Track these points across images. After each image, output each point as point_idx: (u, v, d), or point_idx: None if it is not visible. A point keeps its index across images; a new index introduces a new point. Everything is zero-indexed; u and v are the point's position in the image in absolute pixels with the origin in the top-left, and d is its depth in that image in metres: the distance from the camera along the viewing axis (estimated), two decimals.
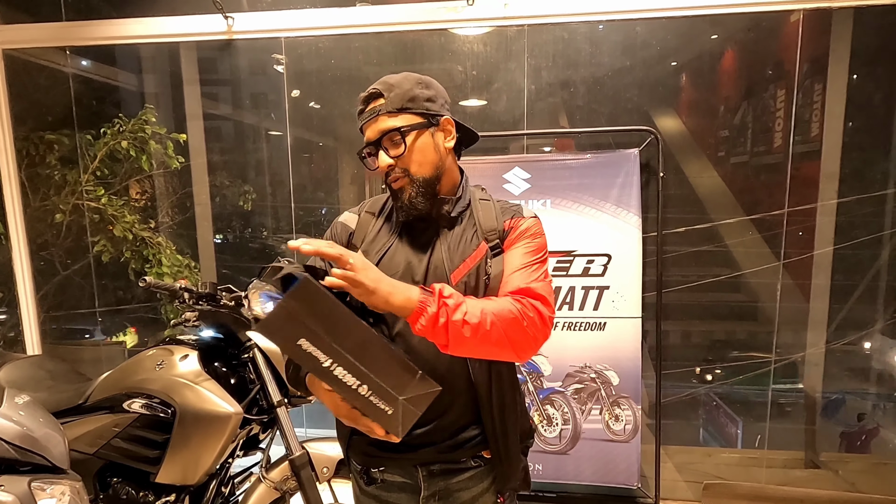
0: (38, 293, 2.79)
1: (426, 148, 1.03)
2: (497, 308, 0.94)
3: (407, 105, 1.01)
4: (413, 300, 0.89)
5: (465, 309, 0.90)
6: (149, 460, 1.65)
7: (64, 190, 2.76)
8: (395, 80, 1.03)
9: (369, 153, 1.06)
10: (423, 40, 2.46)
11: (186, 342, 1.76)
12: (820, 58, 2.62)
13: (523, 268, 1.03)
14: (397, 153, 1.01)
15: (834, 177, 2.67)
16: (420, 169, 1.03)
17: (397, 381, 0.86)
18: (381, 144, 1.02)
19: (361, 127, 1.05)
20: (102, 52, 2.87)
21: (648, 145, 2.27)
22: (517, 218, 1.10)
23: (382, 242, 1.09)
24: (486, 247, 1.05)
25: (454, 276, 1.02)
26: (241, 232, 3.83)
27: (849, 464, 2.74)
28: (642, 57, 2.43)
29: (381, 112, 1.01)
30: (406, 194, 1.04)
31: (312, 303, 0.81)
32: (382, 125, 1.01)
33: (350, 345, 0.82)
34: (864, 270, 2.85)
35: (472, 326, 0.90)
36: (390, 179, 1.04)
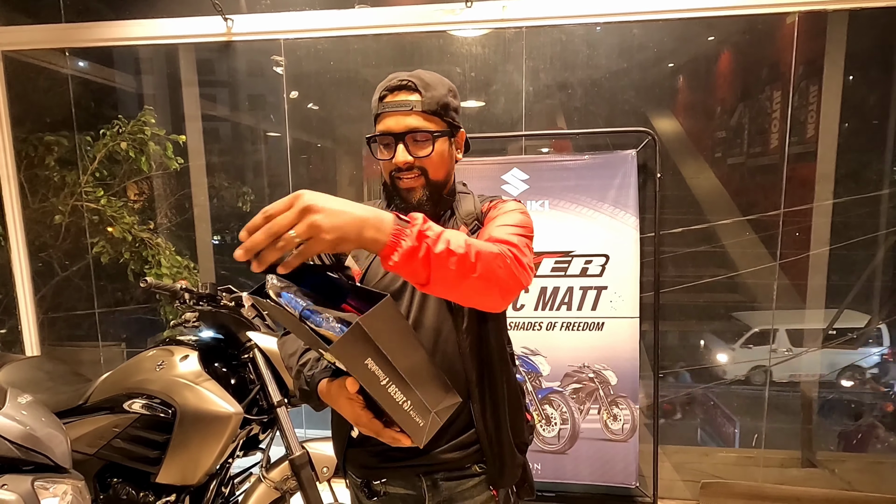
0: (37, 294, 2.79)
1: (445, 155, 1.03)
2: (479, 243, 0.84)
3: (439, 110, 1.00)
4: (385, 231, 0.73)
5: (448, 237, 0.77)
6: (149, 461, 1.65)
7: (63, 191, 2.77)
8: (431, 79, 1.01)
9: (384, 143, 1.01)
10: (422, 42, 2.47)
11: (186, 343, 1.76)
12: (815, 60, 2.64)
13: (501, 227, 0.99)
14: (422, 154, 0.99)
15: (829, 177, 2.69)
16: (436, 174, 1.02)
17: (434, 396, 0.87)
18: (405, 140, 0.98)
19: (381, 114, 1.00)
20: (101, 54, 2.87)
21: (646, 146, 2.29)
22: (497, 201, 1.09)
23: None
24: (466, 230, 1.03)
25: None
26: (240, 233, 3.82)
27: (845, 463, 2.76)
28: (639, 59, 2.45)
29: (416, 109, 0.98)
30: (416, 196, 1.01)
31: (389, 323, 0.78)
32: (414, 122, 0.98)
33: (407, 364, 0.82)
34: (860, 270, 2.88)
35: (458, 257, 0.76)
36: (402, 176, 1.01)
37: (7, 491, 1.00)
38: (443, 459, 1.03)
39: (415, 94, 0.99)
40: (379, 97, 1.01)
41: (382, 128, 1.00)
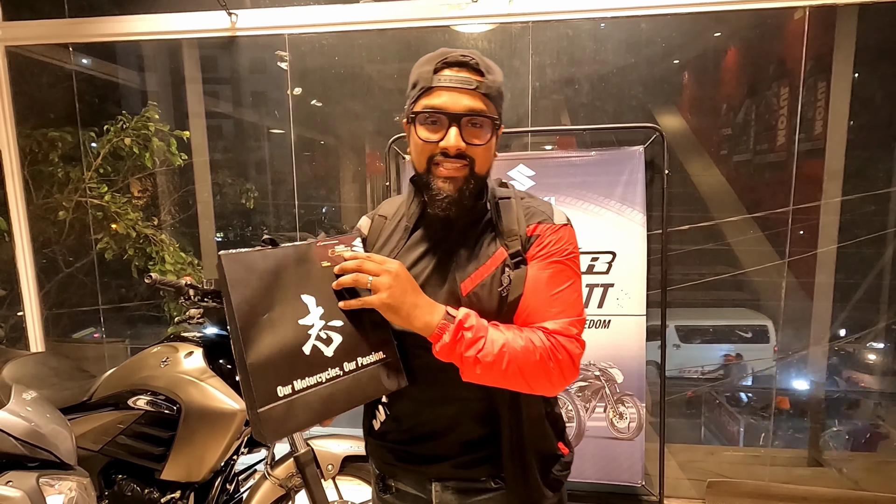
0: (42, 291, 2.79)
1: (493, 147, 0.94)
2: (520, 345, 0.85)
3: (497, 98, 0.91)
4: (432, 325, 0.84)
5: (482, 346, 0.84)
6: (154, 457, 1.64)
7: (67, 187, 2.76)
8: (490, 63, 0.91)
9: (432, 121, 0.89)
10: (427, 37, 2.45)
11: (191, 339, 1.76)
12: (824, 55, 2.62)
13: (553, 296, 0.91)
14: (478, 141, 0.89)
15: (838, 175, 2.67)
16: (482, 167, 0.92)
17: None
18: (460, 122, 0.87)
19: (433, 88, 0.88)
20: (105, 50, 2.86)
21: (653, 143, 2.26)
22: (546, 224, 0.95)
23: (393, 245, 1.00)
24: (505, 254, 0.92)
25: (464, 287, 0.91)
26: (243, 230, 3.83)
27: (852, 462, 2.74)
28: (646, 54, 2.42)
29: (481, 89, 0.87)
30: (457, 186, 0.90)
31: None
32: (476, 103, 0.88)
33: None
34: (868, 268, 2.85)
35: (484, 365, 0.84)
36: (446, 164, 0.90)
37: (12, 488, 0.99)
38: (453, 468, 0.97)
39: (477, 72, 0.88)
40: (433, 69, 0.89)
41: (436, 103, 0.88)
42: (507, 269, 0.91)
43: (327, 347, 0.84)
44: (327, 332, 0.85)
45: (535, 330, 0.89)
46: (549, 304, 0.90)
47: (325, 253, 0.89)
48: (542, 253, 0.93)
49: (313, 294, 0.86)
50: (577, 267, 0.95)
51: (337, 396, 0.83)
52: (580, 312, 0.93)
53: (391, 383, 0.90)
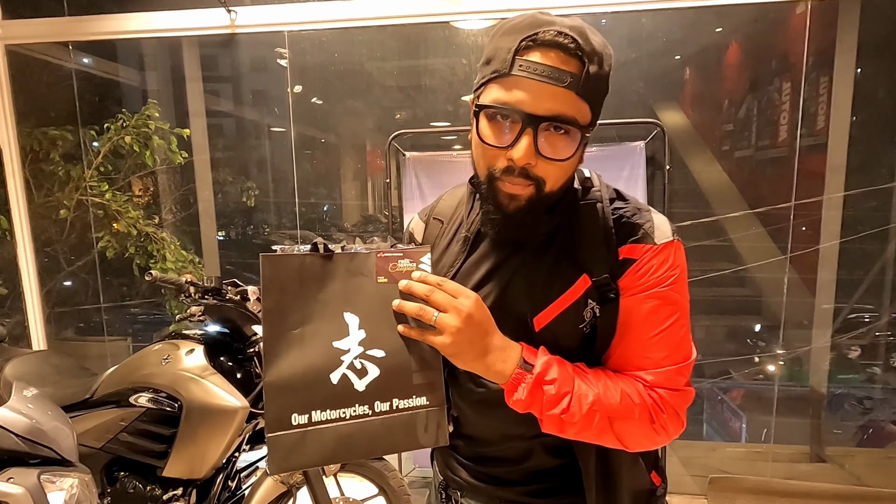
0: (44, 289, 2.79)
1: (577, 160, 0.72)
2: (615, 402, 0.70)
3: (595, 99, 0.68)
4: (505, 375, 0.69)
5: (566, 404, 0.68)
6: (155, 454, 1.65)
7: (68, 186, 2.77)
8: (599, 44, 0.67)
9: (502, 117, 0.67)
10: (427, 33, 2.45)
11: (192, 337, 1.76)
12: (826, 50, 2.60)
13: (653, 338, 0.72)
14: (554, 155, 0.67)
15: (841, 170, 2.65)
16: (555, 183, 0.71)
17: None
18: (538, 129, 0.65)
19: (511, 75, 0.66)
20: (105, 48, 2.87)
21: (654, 138, 2.25)
22: (644, 245, 0.73)
23: (451, 260, 0.82)
24: (589, 282, 0.73)
25: (538, 321, 0.74)
26: (245, 228, 3.84)
27: (854, 458, 2.73)
28: (647, 50, 2.42)
29: (574, 87, 0.64)
30: (516, 206, 0.71)
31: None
32: (565, 106, 0.65)
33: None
34: (870, 264, 2.84)
35: (569, 425, 0.70)
36: (507, 179, 0.69)
37: (13, 484, 1.00)
38: (525, 495, 0.83)
39: (576, 60, 0.65)
40: (516, 46, 0.65)
41: (510, 98, 0.66)
42: (590, 302, 0.73)
43: (359, 380, 0.71)
44: (363, 362, 0.72)
45: (632, 379, 0.73)
46: (649, 348, 0.73)
47: (384, 266, 0.73)
48: (640, 284, 0.73)
49: (358, 314, 0.72)
50: (683, 294, 0.75)
51: (357, 439, 0.71)
52: (688, 354, 0.74)
53: (427, 438, 0.74)
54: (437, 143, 2.50)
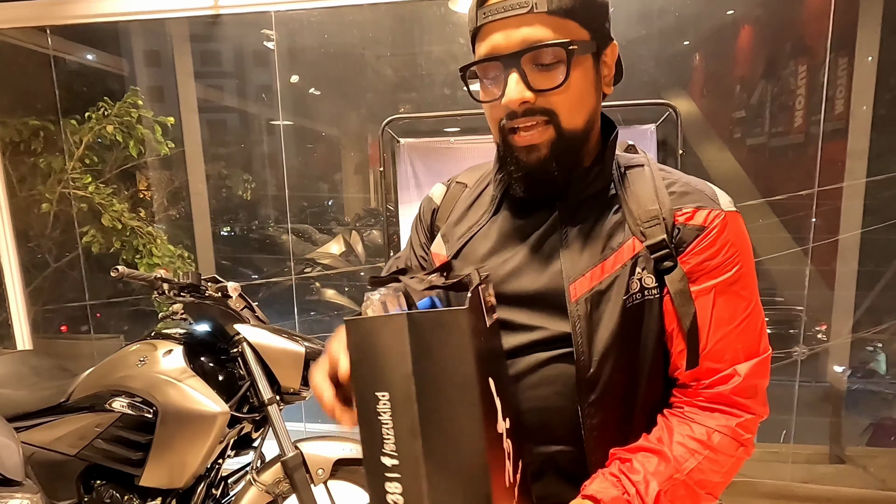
0: (28, 286, 2.70)
1: (588, 84, 0.64)
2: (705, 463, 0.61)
3: (578, 11, 0.61)
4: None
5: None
6: (132, 462, 1.55)
7: (50, 179, 2.66)
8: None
9: (490, 75, 0.64)
10: (422, 12, 2.31)
11: (172, 337, 1.66)
12: (845, 31, 2.46)
13: (736, 327, 0.64)
14: (548, 84, 0.60)
15: (863, 155, 2.52)
16: (573, 118, 0.63)
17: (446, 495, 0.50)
18: (519, 65, 0.60)
19: (481, 26, 0.62)
20: (87, 34, 2.75)
21: (666, 121, 2.11)
22: (708, 210, 0.64)
23: (472, 222, 0.74)
24: (640, 247, 0.64)
25: (573, 290, 0.64)
26: (242, 222, 3.73)
27: (876, 458, 2.60)
28: (659, 26, 2.27)
29: (538, 8, 0.59)
30: (537, 157, 0.63)
31: (442, 352, 0.49)
32: (537, 30, 0.59)
33: (446, 461, 0.49)
34: (893, 252, 2.71)
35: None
36: (518, 126, 0.63)
37: None
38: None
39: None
40: (477, 1, 0.63)
41: (485, 49, 0.62)
42: (638, 271, 0.63)
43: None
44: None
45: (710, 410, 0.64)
46: (734, 340, 0.64)
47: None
48: (716, 265, 0.63)
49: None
50: (754, 273, 0.66)
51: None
52: (767, 346, 0.66)
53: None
54: (434, 130, 2.37)
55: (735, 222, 0.65)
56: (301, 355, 1.63)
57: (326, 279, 3.27)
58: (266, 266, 3.56)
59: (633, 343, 0.64)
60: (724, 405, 0.64)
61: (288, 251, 3.22)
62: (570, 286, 0.64)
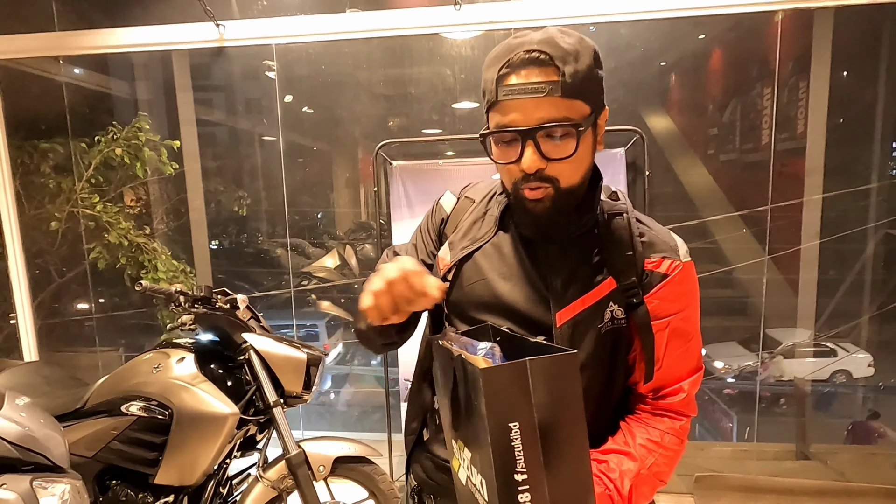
0: (35, 301, 2.81)
1: (587, 151, 0.75)
2: (660, 459, 0.78)
3: (585, 91, 0.71)
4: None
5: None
6: (147, 462, 1.67)
7: (59, 198, 2.79)
8: (570, 44, 0.70)
9: (505, 140, 0.74)
10: (413, 45, 2.50)
11: (183, 345, 1.78)
12: (805, 56, 2.68)
13: (683, 353, 0.80)
14: (559, 155, 0.71)
15: (818, 171, 2.72)
16: (572, 178, 0.75)
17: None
18: (535, 137, 0.71)
19: (499, 102, 0.72)
20: (96, 62, 2.90)
21: (634, 144, 2.31)
22: (671, 261, 0.79)
23: (476, 236, 0.85)
24: (614, 285, 0.77)
25: (559, 317, 0.76)
26: (237, 237, 3.85)
27: (838, 455, 2.79)
28: (627, 58, 2.48)
29: (556, 92, 0.69)
30: (542, 207, 0.75)
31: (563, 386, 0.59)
32: (552, 111, 0.70)
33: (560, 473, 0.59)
34: (851, 263, 2.91)
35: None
36: (527, 186, 0.74)
37: (7, 490, 1.02)
38: None
39: (550, 68, 0.69)
40: (497, 76, 0.72)
41: (505, 120, 0.72)
42: (611, 304, 0.77)
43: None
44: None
45: (660, 416, 0.80)
46: (681, 363, 0.80)
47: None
48: (672, 307, 0.78)
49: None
50: (698, 311, 0.83)
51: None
52: (702, 365, 0.84)
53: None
54: (425, 152, 2.55)
55: (689, 271, 0.81)
56: (303, 361, 1.78)
57: (322, 291, 3.41)
58: (262, 280, 3.69)
59: (604, 361, 0.79)
60: (671, 412, 0.81)
61: (282, 265, 3.36)
62: (557, 314, 0.77)
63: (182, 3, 2.45)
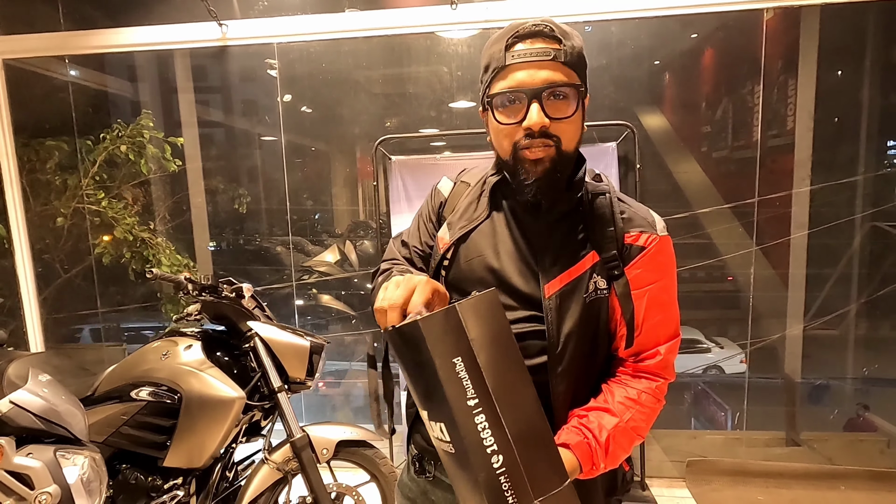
0: (41, 296, 2.86)
1: (580, 121, 0.84)
2: (637, 415, 0.84)
3: (579, 66, 0.81)
4: (575, 465, 0.78)
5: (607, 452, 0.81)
6: (156, 445, 1.72)
7: (64, 195, 2.84)
8: (568, 28, 0.81)
9: (509, 102, 0.81)
10: (411, 43, 2.57)
11: (189, 334, 1.84)
12: (794, 54, 2.75)
13: (661, 320, 0.86)
14: (561, 114, 0.79)
15: (806, 165, 2.80)
16: (570, 142, 0.82)
17: (541, 478, 0.65)
18: (541, 97, 0.78)
19: (507, 66, 0.80)
20: (100, 61, 2.95)
21: (626, 139, 2.38)
22: (648, 234, 0.86)
23: (472, 216, 0.92)
24: (597, 258, 0.85)
25: (547, 288, 0.84)
26: (237, 235, 3.91)
27: (827, 441, 2.86)
28: (618, 56, 2.55)
29: (560, 58, 0.78)
30: (542, 168, 0.81)
31: (491, 321, 0.67)
32: (557, 74, 0.78)
33: (505, 394, 0.65)
34: (839, 255, 2.98)
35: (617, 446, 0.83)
36: (529, 145, 0.80)
37: (32, 458, 1.08)
38: None
39: (553, 40, 0.79)
40: (505, 45, 0.81)
41: (511, 83, 0.80)
42: (594, 276, 0.84)
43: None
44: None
45: (639, 378, 0.87)
46: (658, 329, 0.86)
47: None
48: (650, 276, 0.85)
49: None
50: (676, 280, 0.90)
51: None
52: (678, 332, 0.89)
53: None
54: (423, 148, 2.61)
55: (665, 245, 0.87)
56: (306, 349, 1.84)
57: (323, 286, 3.47)
58: (262, 276, 3.74)
59: (589, 328, 0.85)
60: (649, 373, 0.87)
61: (281, 262, 3.41)
62: (545, 286, 0.84)
63: (185, 4, 2.51)
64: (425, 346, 0.64)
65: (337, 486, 1.86)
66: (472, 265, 0.89)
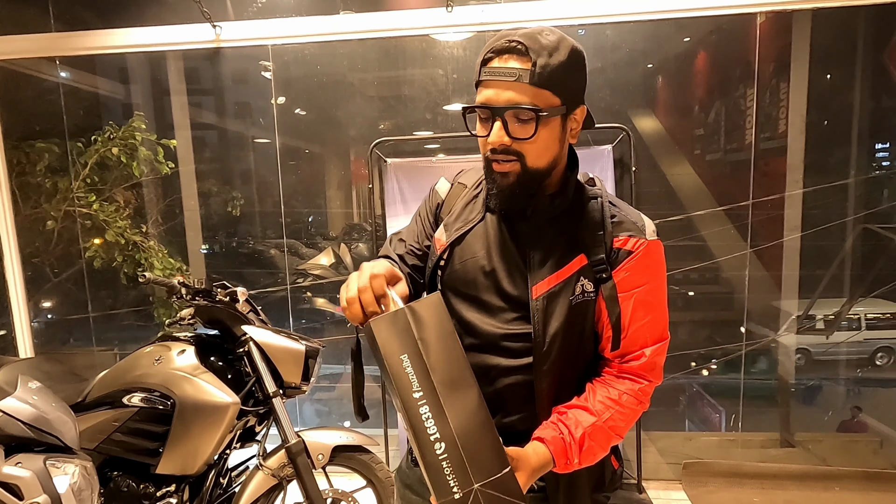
0: (31, 300, 2.82)
1: (553, 138, 0.83)
2: (616, 415, 0.85)
3: (554, 84, 0.80)
4: (548, 458, 0.82)
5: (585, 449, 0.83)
6: (149, 452, 1.70)
7: (55, 197, 2.80)
8: (549, 41, 0.79)
9: (483, 116, 0.84)
10: (406, 46, 2.56)
11: (183, 339, 1.82)
12: (786, 57, 2.78)
13: (647, 322, 0.87)
14: (522, 135, 0.81)
15: (799, 168, 2.82)
16: (537, 160, 0.83)
17: (481, 465, 0.71)
18: (503, 116, 0.80)
19: (481, 81, 0.83)
20: (91, 63, 2.92)
21: (621, 142, 2.39)
22: (636, 238, 0.87)
23: (468, 217, 0.94)
24: (585, 261, 0.86)
25: (536, 289, 0.85)
26: (231, 238, 3.88)
27: (821, 442, 2.87)
28: (613, 59, 2.56)
29: (522, 79, 0.78)
30: (507, 182, 0.84)
31: (436, 322, 0.74)
32: (517, 96, 0.79)
33: (448, 389, 0.72)
34: (832, 257, 3.01)
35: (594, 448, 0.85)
36: (495, 158, 0.84)
37: (22, 468, 1.06)
38: None
39: (525, 58, 0.79)
40: (482, 59, 0.83)
41: (481, 98, 0.82)
42: (582, 279, 0.86)
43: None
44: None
45: (622, 379, 0.88)
46: (645, 331, 0.87)
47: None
48: (636, 280, 0.86)
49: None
50: (665, 284, 0.91)
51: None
52: (666, 335, 0.90)
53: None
54: (417, 150, 2.60)
55: (654, 249, 0.88)
56: (301, 353, 1.82)
57: (318, 289, 3.45)
58: (256, 279, 3.72)
59: (575, 330, 0.86)
60: (632, 375, 0.88)
61: (275, 265, 3.39)
62: (533, 287, 0.85)
63: (179, 6, 2.49)
64: (377, 344, 0.72)
65: (333, 492, 1.84)
66: (466, 266, 0.91)
